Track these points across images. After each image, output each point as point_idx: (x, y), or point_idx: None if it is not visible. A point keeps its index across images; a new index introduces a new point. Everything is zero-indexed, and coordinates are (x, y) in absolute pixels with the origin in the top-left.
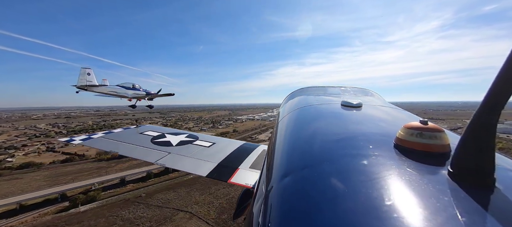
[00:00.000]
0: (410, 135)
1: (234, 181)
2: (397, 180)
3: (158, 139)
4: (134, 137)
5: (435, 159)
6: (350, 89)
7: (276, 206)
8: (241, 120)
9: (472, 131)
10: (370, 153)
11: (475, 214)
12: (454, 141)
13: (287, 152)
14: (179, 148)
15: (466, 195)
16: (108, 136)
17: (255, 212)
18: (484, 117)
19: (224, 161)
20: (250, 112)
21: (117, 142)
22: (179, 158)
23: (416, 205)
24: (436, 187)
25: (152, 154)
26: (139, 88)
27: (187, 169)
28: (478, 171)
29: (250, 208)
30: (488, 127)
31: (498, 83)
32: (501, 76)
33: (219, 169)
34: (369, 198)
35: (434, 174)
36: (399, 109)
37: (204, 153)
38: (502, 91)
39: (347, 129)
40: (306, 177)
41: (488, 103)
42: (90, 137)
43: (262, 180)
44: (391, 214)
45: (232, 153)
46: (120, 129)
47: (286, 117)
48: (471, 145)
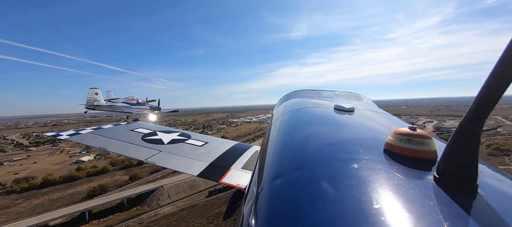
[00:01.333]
0: (399, 140)
1: (225, 181)
2: (385, 184)
3: (149, 137)
4: (124, 133)
5: (422, 164)
6: (343, 93)
7: (267, 207)
8: (236, 123)
9: (457, 138)
10: (360, 157)
11: (458, 218)
12: (441, 147)
13: (279, 153)
14: (170, 146)
15: (450, 199)
16: (97, 131)
17: (246, 213)
18: (469, 125)
19: (216, 160)
20: (250, 114)
21: (106, 138)
22: (170, 157)
23: (402, 209)
24: (422, 191)
25: (143, 151)
26: (144, 103)
27: (178, 168)
28: (462, 177)
29: (241, 208)
30: (473, 135)
31: (483, 94)
32: (485, 88)
33: (210, 168)
34: (358, 201)
35: (421, 179)
36: (389, 115)
37: (196, 152)
38: (486, 101)
39: (339, 133)
40: (297, 179)
41: (473, 112)
42: (78, 132)
43: (254, 181)
44: (378, 217)
45: (225, 153)
46: (110, 125)
47: (279, 119)
48: (456, 151)
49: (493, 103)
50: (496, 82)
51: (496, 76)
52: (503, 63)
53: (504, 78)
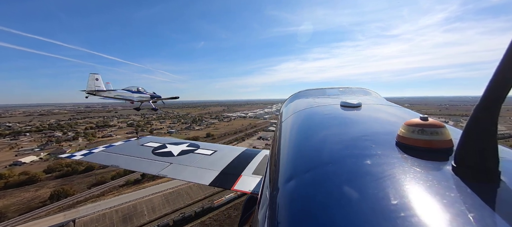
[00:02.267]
0: (412, 132)
1: (237, 188)
2: (402, 179)
3: (159, 150)
4: (135, 149)
5: (438, 155)
6: (348, 89)
7: (282, 211)
8: (230, 117)
9: (473, 126)
10: (373, 152)
11: (483, 209)
12: (456, 135)
13: (289, 155)
14: (180, 158)
15: (472, 190)
16: (109, 149)
17: (260, 219)
18: (484, 111)
19: (226, 168)
20: (248, 108)
21: (118, 155)
22: (181, 168)
23: (423, 203)
24: (441, 183)
25: (154, 165)
26: (144, 92)
27: (189, 179)
28: (481, 165)
29: (255, 215)
30: (489, 121)
31: (497, 78)
32: (499, 72)
33: (222, 176)
34: (376, 198)
35: (439, 170)
36: (398, 107)
37: (206, 161)
38: (500, 86)
39: (348, 129)
40: (311, 180)
41: (487, 98)
42: (91, 152)
43: (266, 185)
44: (399, 213)
45: (234, 160)
46: (121, 142)
47: (287, 120)
48: (472, 139)
49: (510, 87)
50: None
51: (511, 57)
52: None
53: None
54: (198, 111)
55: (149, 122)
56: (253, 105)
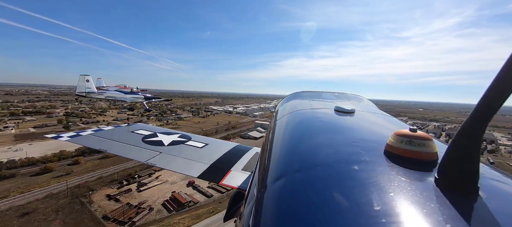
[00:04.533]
0: (400, 142)
1: (226, 182)
2: (386, 186)
3: (150, 138)
4: (124, 135)
5: (423, 166)
6: (343, 94)
7: (267, 208)
8: (215, 111)
9: (459, 141)
10: (361, 158)
11: (459, 220)
12: (441, 149)
13: (279, 155)
14: (171, 148)
15: (451, 202)
16: (98, 133)
17: (246, 214)
18: (472, 126)
19: (216, 162)
20: (244, 102)
21: (107, 140)
22: (170, 158)
23: (404, 210)
24: (423, 193)
25: (143, 153)
26: (138, 92)
27: (178, 170)
28: (463, 179)
29: (241, 210)
30: (475, 137)
31: (487, 96)
32: (490, 90)
33: (211, 170)
34: (358, 203)
35: (422, 181)
36: (389, 116)
37: (197, 154)
38: (489, 104)
39: (339, 134)
40: (298, 181)
41: (477, 113)
42: (79, 134)
43: (254, 182)
44: (380, 219)
45: (225, 155)
46: (111, 127)
47: (281, 120)
48: (457, 153)
49: (498, 106)
50: (501, 85)
51: (502, 79)
52: (509, 65)
53: (510, 81)
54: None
55: (103, 113)
56: (251, 99)
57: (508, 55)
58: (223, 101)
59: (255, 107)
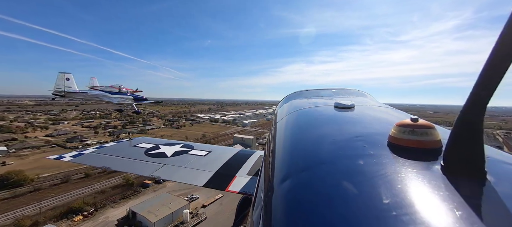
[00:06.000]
0: (403, 132)
1: (231, 189)
2: (393, 178)
3: (152, 151)
4: (127, 150)
5: (428, 155)
6: (342, 90)
7: (276, 211)
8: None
9: (461, 126)
10: (365, 152)
11: (470, 207)
12: (445, 136)
13: (283, 156)
14: (174, 159)
15: (459, 188)
16: (100, 150)
17: (255, 219)
18: (471, 111)
19: (220, 169)
20: (240, 108)
21: (110, 156)
22: (175, 169)
23: (413, 201)
24: (431, 182)
25: (147, 166)
26: (126, 93)
27: (183, 180)
28: (469, 164)
29: (249, 215)
30: (475, 121)
31: (482, 80)
32: (484, 73)
33: (216, 177)
34: (369, 197)
35: (428, 170)
36: (391, 108)
37: (200, 162)
38: (486, 87)
39: (341, 130)
40: (305, 180)
41: (474, 98)
42: (81, 153)
43: (260, 186)
44: (391, 212)
45: (229, 161)
46: (113, 143)
47: (281, 121)
48: (460, 139)
49: (494, 87)
50: (495, 64)
51: (495, 58)
52: (502, 40)
53: (504, 61)
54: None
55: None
56: (250, 106)
57: (505, 22)
58: (218, 108)
59: (249, 114)
